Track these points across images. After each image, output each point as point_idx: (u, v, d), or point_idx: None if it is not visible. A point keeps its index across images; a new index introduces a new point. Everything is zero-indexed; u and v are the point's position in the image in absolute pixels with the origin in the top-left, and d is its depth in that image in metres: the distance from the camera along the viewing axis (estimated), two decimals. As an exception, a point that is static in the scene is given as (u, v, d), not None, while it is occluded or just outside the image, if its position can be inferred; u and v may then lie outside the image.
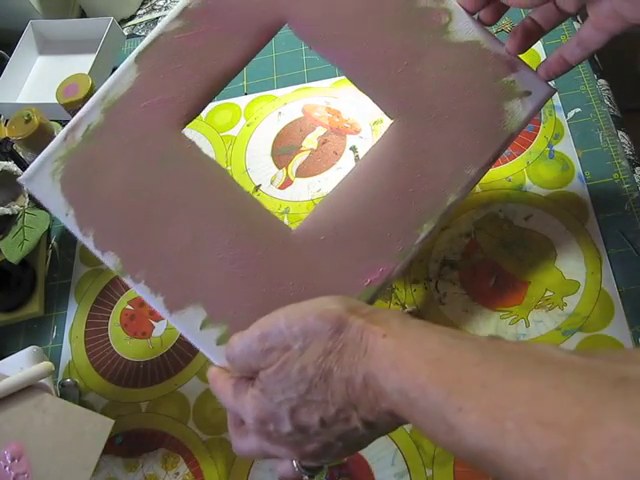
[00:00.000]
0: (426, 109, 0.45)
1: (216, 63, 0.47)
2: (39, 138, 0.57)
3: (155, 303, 0.44)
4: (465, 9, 0.44)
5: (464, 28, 0.45)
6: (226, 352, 0.37)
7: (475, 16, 0.45)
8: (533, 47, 0.62)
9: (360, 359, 0.32)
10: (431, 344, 0.31)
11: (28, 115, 0.56)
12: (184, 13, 0.47)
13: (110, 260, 0.45)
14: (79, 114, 0.47)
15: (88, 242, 0.45)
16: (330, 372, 0.32)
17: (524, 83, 0.44)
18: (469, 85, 0.45)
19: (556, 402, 0.24)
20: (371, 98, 0.46)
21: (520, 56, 0.45)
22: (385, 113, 0.46)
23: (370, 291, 0.44)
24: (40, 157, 0.46)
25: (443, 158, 0.44)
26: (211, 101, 0.48)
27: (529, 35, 0.43)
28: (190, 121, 0.47)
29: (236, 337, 0.37)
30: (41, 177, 0.46)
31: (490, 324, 0.50)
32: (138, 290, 0.45)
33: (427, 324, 0.33)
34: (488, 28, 0.45)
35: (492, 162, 0.44)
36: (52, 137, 0.57)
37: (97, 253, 0.45)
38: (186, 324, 0.44)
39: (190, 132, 0.68)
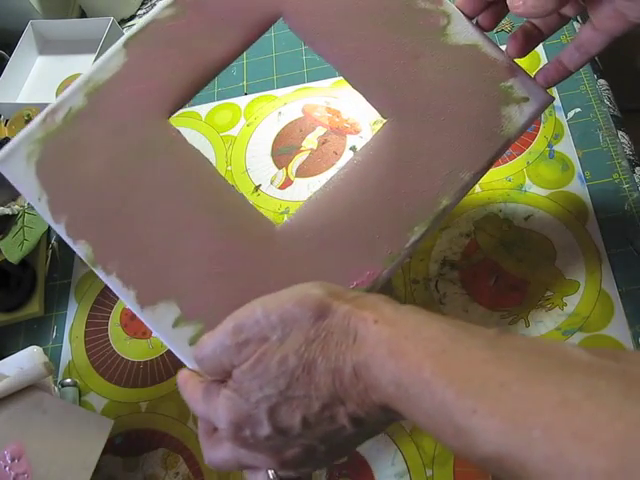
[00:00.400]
0: (421, 110, 0.44)
1: (207, 53, 0.46)
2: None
3: (126, 297, 0.42)
4: (464, 13, 0.44)
5: (462, 31, 0.45)
6: (195, 353, 0.34)
7: (474, 20, 0.44)
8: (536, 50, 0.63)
9: (349, 348, 0.29)
10: (432, 333, 0.28)
11: (28, 115, 0.56)
12: (177, 1, 0.46)
13: (81, 249, 0.43)
14: (61, 96, 0.45)
15: (60, 229, 0.43)
16: (314, 363, 0.29)
17: (522, 89, 0.44)
18: (466, 88, 0.44)
19: (592, 414, 0.22)
20: (364, 96, 0.45)
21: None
22: (379, 112, 0.45)
23: None
24: (16, 138, 0.44)
25: (437, 160, 0.43)
26: (200, 90, 0.46)
27: (529, 39, 0.43)
28: (176, 110, 0.45)
29: (206, 336, 0.33)
30: (15, 159, 0.44)
31: (490, 324, 0.50)
32: (109, 283, 0.43)
33: (420, 310, 0.30)
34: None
35: (488, 167, 0.43)
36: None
37: (69, 241, 0.43)
38: (157, 321, 0.42)
39: (190, 132, 0.69)
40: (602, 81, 0.61)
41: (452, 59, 0.45)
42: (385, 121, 0.44)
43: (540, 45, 0.63)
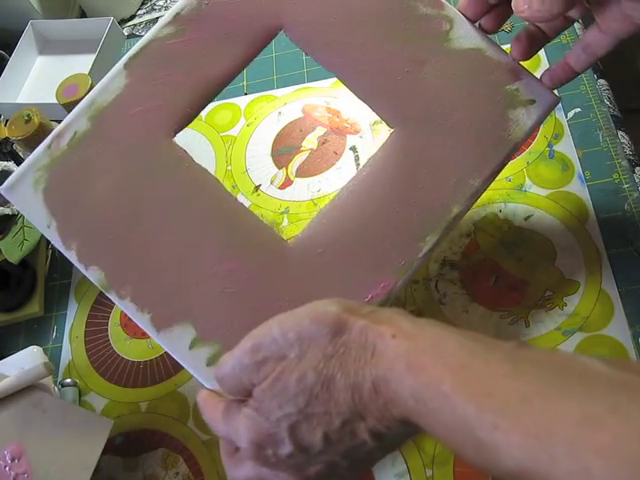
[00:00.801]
0: (427, 118, 0.43)
1: (209, 70, 0.45)
2: (39, 138, 0.57)
3: (141, 321, 0.42)
4: (466, 16, 0.44)
5: (465, 35, 0.44)
6: (215, 372, 0.34)
7: (476, 23, 0.44)
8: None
9: (367, 363, 0.29)
10: (450, 347, 0.28)
11: (28, 115, 0.56)
12: (176, 19, 0.46)
13: (94, 275, 0.42)
14: (64, 121, 0.44)
15: (71, 256, 0.43)
16: (332, 379, 0.29)
17: (528, 91, 0.43)
18: (472, 93, 0.44)
19: (615, 429, 0.22)
20: (370, 106, 0.45)
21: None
22: (385, 121, 0.44)
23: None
24: (22, 166, 0.44)
25: (445, 168, 0.42)
26: (203, 108, 0.46)
27: (533, 42, 0.43)
28: (181, 129, 0.45)
29: (226, 355, 0.33)
30: (22, 187, 0.44)
31: (490, 324, 0.50)
32: (123, 307, 0.42)
33: (438, 323, 0.30)
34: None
35: (497, 172, 0.43)
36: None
37: (80, 267, 0.43)
38: (174, 344, 0.41)
39: (190, 132, 0.68)
40: (602, 81, 0.61)
41: (456, 64, 0.44)
42: (392, 130, 0.44)
43: (540, 45, 0.63)
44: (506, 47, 0.53)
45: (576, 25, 0.64)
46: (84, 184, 0.43)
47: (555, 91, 0.44)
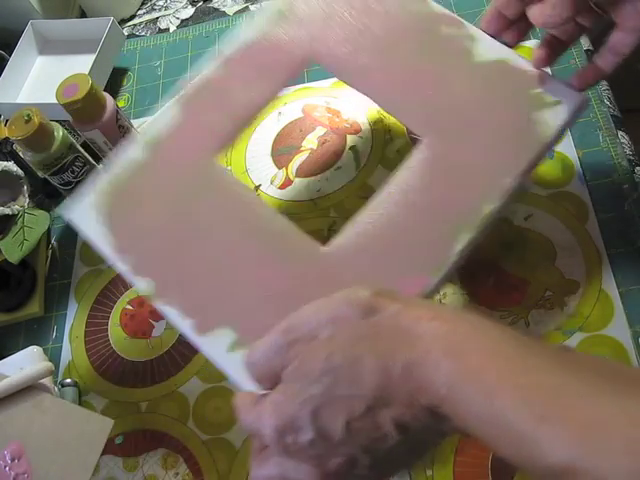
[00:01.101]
0: (455, 125, 0.46)
1: (248, 100, 0.50)
2: (39, 138, 0.57)
3: (183, 326, 0.44)
4: (488, 33, 0.45)
5: (487, 49, 0.47)
6: (246, 357, 0.33)
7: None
8: (532, 47, 0.62)
9: (400, 345, 0.28)
10: (494, 335, 0.27)
11: (28, 115, 0.56)
12: (221, 59, 0.52)
13: (143, 285, 0.46)
14: (121, 150, 0.49)
15: (125, 270, 0.47)
16: (360, 361, 0.28)
17: (553, 93, 0.45)
18: (498, 100, 0.46)
19: None
20: (401, 121, 0.48)
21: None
22: (415, 132, 0.47)
23: None
24: (84, 191, 0.49)
25: (475, 170, 0.44)
26: (242, 131, 0.50)
27: (552, 49, 0.44)
28: (223, 149, 0.50)
29: (258, 341, 0.33)
30: (83, 211, 0.49)
31: (490, 324, 0.50)
32: (167, 314, 0.45)
33: (477, 314, 0.29)
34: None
35: (529, 170, 0.44)
36: (52, 137, 0.57)
37: (131, 279, 0.46)
38: (214, 347, 0.43)
39: (190, 132, 0.68)
40: (602, 81, 0.61)
41: (481, 75, 0.47)
42: (422, 139, 0.46)
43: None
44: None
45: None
46: (137, 205, 0.48)
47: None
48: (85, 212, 0.48)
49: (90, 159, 0.63)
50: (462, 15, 0.48)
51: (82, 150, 0.62)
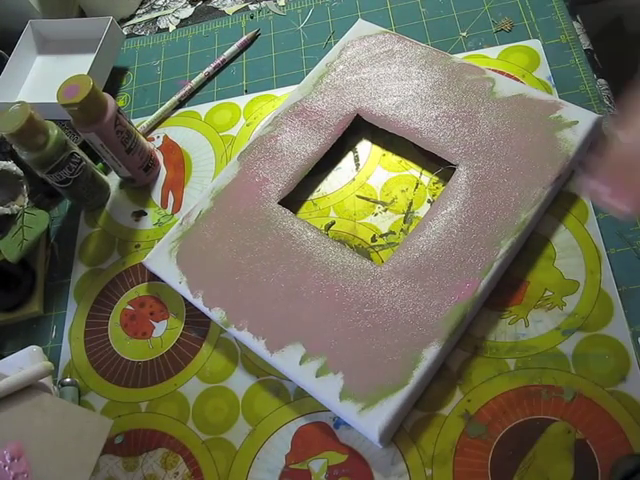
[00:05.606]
0: (485, 152, 0.54)
1: (301, 154, 0.59)
2: (29, 133, 0.56)
3: (257, 346, 0.50)
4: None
5: (507, 87, 0.57)
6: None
7: None
8: (532, 46, 0.63)
9: None
10: None
11: (16, 110, 0.56)
12: (274, 120, 0.61)
13: (216, 314, 0.53)
14: (194, 204, 0.59)
15: (197, 302, 0.54)
16: None
17: (570, 115, 0.53)
18: (520, 126, 0.54)
19: None
20: (434, 152, 0.55)
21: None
22: (449, 161, 0.55)
23: (461, 307, 0.48)
24: (161, 241, 0.58)
25: (508, 186, 0.52)
26: (300, 180, 0.58)
27: None
28: (284, 196, 0.57)
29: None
30: (160, 256, 0.57)
31: (489, 324, 0.50)
32: (241, 337, 0.51)
33: None
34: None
35: (557, 181, 0.51)
36: (46, 135, 0.57)
37: (205, 310, 0.53)
38: (286, 362, 0.49)
39: (190, 132, 0.69)
40: (602, 81, 0.61)
41: (504, 108, 0.56)
42: (458, 167, 0.54)
43: (540, 45, 0.63)
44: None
45: (575, 25, 0.64)
46: (207, 247, 0.56)
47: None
48: (162, 258, 0.57)
49: (86, 157, 0.63)
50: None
51: (77, 148, 0.61)
